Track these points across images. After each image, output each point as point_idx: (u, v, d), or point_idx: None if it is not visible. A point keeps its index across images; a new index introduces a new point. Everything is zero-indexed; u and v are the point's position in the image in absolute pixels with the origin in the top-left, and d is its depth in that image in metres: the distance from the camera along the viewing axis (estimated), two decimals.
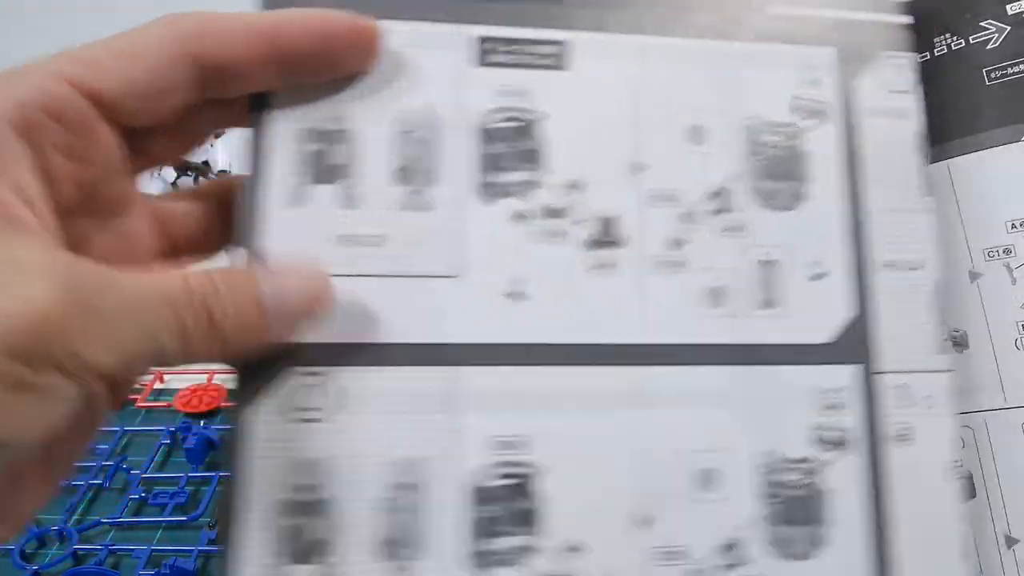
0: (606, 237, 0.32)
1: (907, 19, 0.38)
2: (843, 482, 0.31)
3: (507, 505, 0.30)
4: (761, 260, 0.32)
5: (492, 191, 0.33)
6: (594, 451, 0.31)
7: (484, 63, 0.33)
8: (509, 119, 0.32)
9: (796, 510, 0.30)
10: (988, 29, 0.42)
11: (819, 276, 0.33)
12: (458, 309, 0.31)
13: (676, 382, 0.32)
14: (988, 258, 0.40)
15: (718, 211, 0.33)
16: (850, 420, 0.31)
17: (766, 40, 0.35)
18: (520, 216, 0.32)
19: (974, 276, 0.39)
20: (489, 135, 0.33)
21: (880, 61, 0.37)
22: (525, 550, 0.29)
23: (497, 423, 0.30)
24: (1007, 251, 0.39)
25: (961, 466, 0.35)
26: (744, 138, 0.34)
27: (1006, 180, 0.41)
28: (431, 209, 0.32)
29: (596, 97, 0.34)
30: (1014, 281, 0.39)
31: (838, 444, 0.31)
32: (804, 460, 0.30)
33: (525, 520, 0.30)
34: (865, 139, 0.35)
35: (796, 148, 0.34)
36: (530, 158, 0.33)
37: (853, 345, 0.32)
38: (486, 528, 0.30)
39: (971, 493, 0.36)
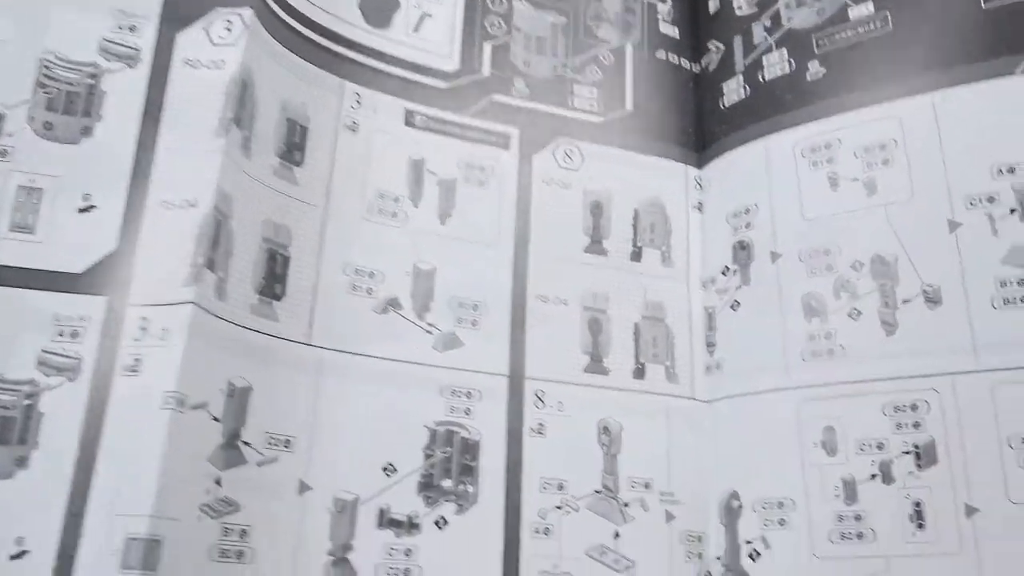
0: None
1: None
2: (61, 407, 0.29)
3: None
4: (22, 185, 0.31)
5: None
6: None
7: None
8: None
9: (5, 430, 0.29)
10: None
11: (87, 209, 0.32)
12: None
13: None
14: (970, 206, 0.36)
15: None
16: (83, 349, 0.30)
17: None
18: None
19: (953, 226, 0.36)
20: None
21: (211, 16, 0.35)
22: None
23: None
24: (991, 199, 0.36)
25: (922, 431, 0.34)
26: (35, 71, 0.33)
27: (997, 118, 0.37)
28: None
29: None
30: (996, 232, 0.35)
31: (64, 370, 0.30)
32: (26, 383, 0.29)
33: None
34: (173, 86, 0.34)
35: (93, 87, 0.33)
36: None
37: (104, 277, 0.31)
38: None
39: (932, 460, 0.34)
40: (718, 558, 0.37)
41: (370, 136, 0.38)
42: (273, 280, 0.33)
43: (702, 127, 0.44)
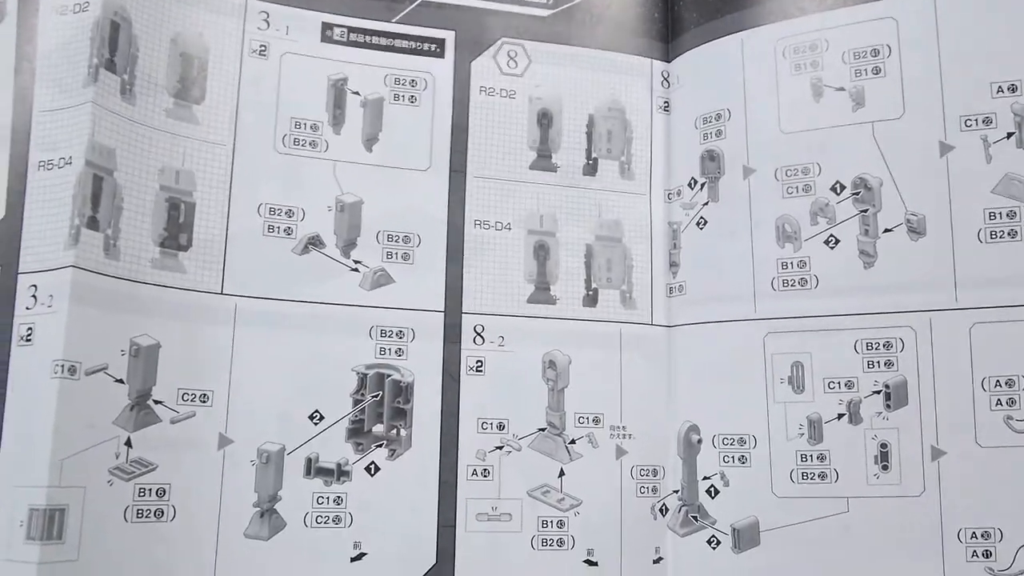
0: None
1: None
2: None
3: None
4: None
5: None
6: None
7: None
8: None
9: None
10: None
11: None
12: None
13: None
14: (964, 127, 0.33)
15: None
16: None
17: None
18: None
19: (945, 149, 0.33)
20: None
21: None
22: None
23: None
24: (987, 120, 0.32)
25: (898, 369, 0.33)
26: None
27: (1003, 28, 0.32)
28: None
29: None
30: (989, 159, 0.32)
31: None
32: None
33: None
34: (42, 38, 0.30)
35: None
36: None
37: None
38: None
39: (902, 401, 0.33)
40: (675, 491, 0.35)
41: (282, 59, 0.35)
42: (177, 230, 0.32)
43: (671, 13, 0.39)
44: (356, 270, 0.34)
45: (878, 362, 0.33)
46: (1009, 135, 0.32)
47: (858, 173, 0.34)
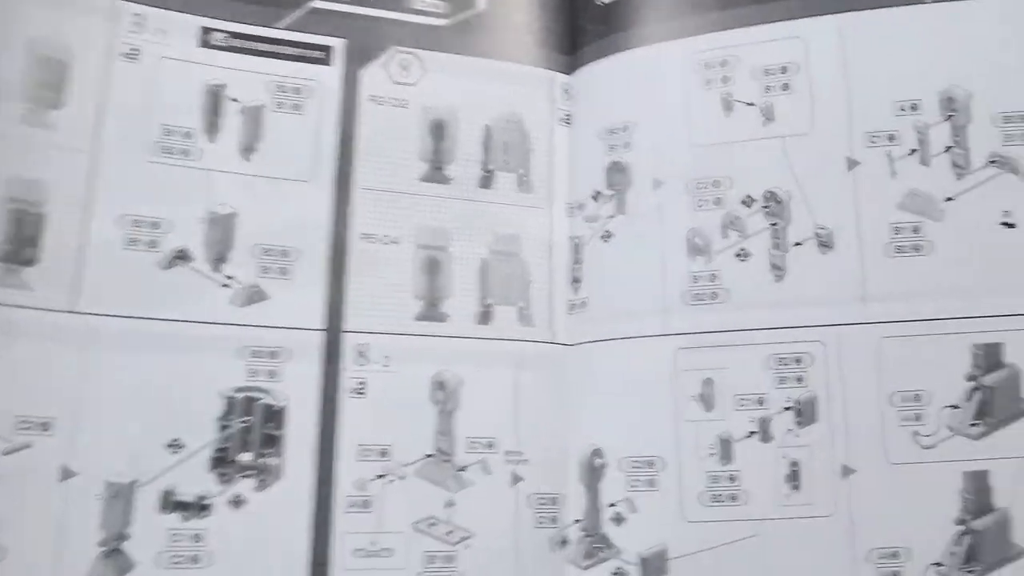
0: None
1: None
2: None
3: None
4: None
5: None
6: None
7: None
8: None
9: None
10: None
11: None
12: None
13: None
14: (870, 144, 0.32)
15: None
16: None
17: None
18: None
19: (851, 164, 0.33)
20: None
21: None
22: None
23: None
24: (891, 137, 0.32)
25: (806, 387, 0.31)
26: None
27: (905, 49, 0.33)
28: None
29: None
30: (894, 174, 0.32)
31: None
32: None
33: None
34: None
35: None
36: None
37: None
38: None
39: (812, 417, 0.31)
40: (577, 521, 0.33)
41: (156, 63, 0.33)
42: (21, 244, 0.29)
43: (573, 24, 0.38)
44: (227, 286, 0.32)
45: (789, 378, 0.32)
46: (912, 151, 0.32)
47: (768, 187, 0.33)
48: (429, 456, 0.32)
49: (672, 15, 0.35)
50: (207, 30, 0.34)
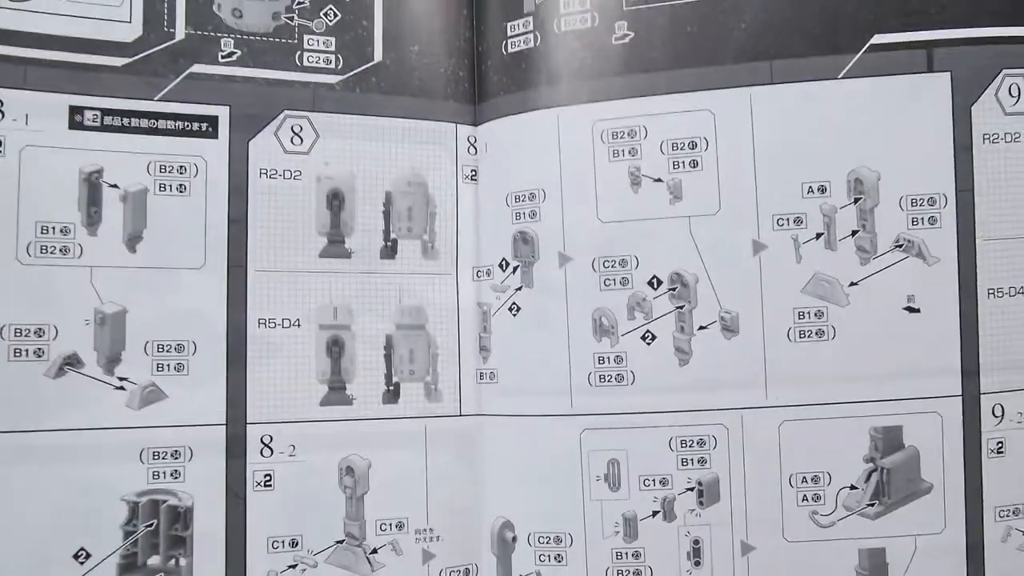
0: None
1: None
2: None
3: None
4: None
5: None
6: None
7: None
8: None
9: None
10: None
11: None
12: None
13: None
14: (777, 226, 0.32)
15: None
16: None
17: None
18: None
19: (758, 247, 0.32)
20: None
21: None
22: None
23: None
24: (798, 220, 0.32)
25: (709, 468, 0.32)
26: None
27: (815, 126, 0.31)
28: None
29: None
30: (800, 259, 0.32)
31: None
32: None
33: None
34: None
35: None
36: None
37: None
38: None
39: (714, 497, 0.32)
40: None
41: (20, 153, 0.31)
42: None
43: (480, 71, 0.35)
44: (122, 388, 0.31)
45: (692, 460, 0.32)
46: (818, 235, 0.31)
47: (675, 268, 0.32)
48: (340, 542, 0.33)
49: (578, 76, 0.33)
50: (76, 109, 0.32)
